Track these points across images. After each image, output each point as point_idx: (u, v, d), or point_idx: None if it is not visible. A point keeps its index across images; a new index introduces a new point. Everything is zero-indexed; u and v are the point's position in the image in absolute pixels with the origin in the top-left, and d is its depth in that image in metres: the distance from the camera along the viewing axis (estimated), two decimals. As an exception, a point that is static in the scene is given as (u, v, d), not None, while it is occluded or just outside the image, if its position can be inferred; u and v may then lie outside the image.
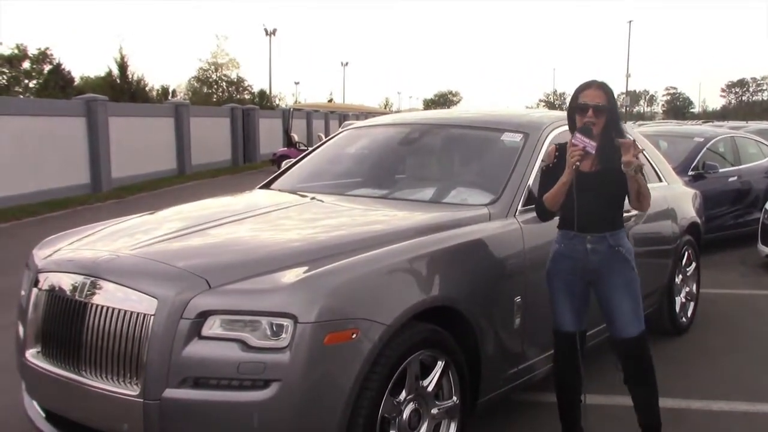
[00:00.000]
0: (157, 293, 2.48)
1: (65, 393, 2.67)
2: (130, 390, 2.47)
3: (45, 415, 2.88)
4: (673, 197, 5.00)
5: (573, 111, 3.07)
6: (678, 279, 5.02)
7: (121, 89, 24.66)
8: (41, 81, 38.42)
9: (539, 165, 3.64)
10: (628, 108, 75.16)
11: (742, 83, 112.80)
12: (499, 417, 3.60)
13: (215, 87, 47.38)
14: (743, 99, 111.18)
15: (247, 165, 23.27)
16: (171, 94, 36.63)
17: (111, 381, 2.53)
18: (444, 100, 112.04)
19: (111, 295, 2.58)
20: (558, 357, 3.21)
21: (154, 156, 17.33)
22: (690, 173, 7.88)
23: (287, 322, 2.39)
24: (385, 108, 72.83)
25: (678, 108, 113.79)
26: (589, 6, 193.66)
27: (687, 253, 5.14)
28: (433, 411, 2.83)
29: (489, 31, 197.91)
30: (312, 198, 3.89)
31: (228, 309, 2.44)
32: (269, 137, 25.84)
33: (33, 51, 39.48)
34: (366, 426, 2.50)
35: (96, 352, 2.57)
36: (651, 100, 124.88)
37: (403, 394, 2.68)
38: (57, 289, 2.79)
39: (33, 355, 2.83)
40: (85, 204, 12.53)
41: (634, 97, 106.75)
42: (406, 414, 2.69)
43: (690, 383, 4.17)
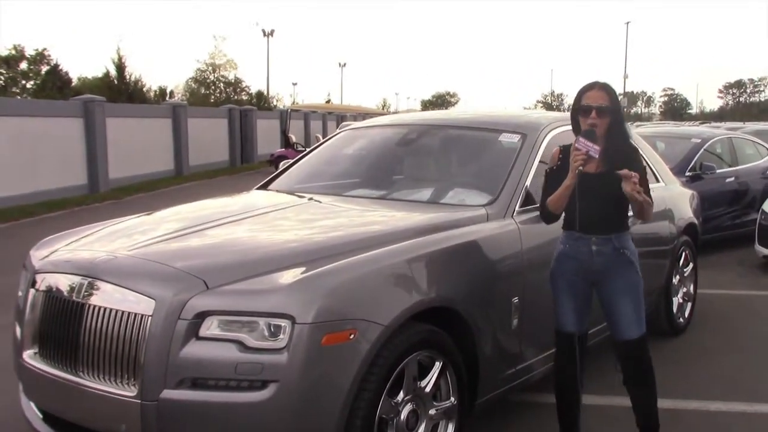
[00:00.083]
0: (155, 294, 2.48)
1: (63, 394, 2.66)
2: (127, 391, 2.46)
3: (42, 417, 2.87)
4: (671, 198, 5.00)
5: (576, 113, 3.05)
6: (675, 279, 5.03)
7: (119, 90, 24.68)
8: (38, 82, 38.39)
9: (537, 166, 3.66)
10: (625, 109, 74.96)
11: (739, 84, 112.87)
12: (497, 418, 3.60)
13: (213, 88, 47.36)
14: (740, 100, 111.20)
15: (245, 166, 23.25)
16: (168, 95, 36.58)
17: (108, 382, 2.53)
18: (442, 100, 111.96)
19: (108, 296, 2.58)
20: (559, 357, 3.19)
21: (151, 157, 17.31)
22: (687, 174, 7.89)
23: (285, 322, 2.38)
24: (383, 109, 72.87)
25: (675, 109, 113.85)
26: (587, 7, 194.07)
27: (684, 254, 5.15)
28: (431, 412, 2.83)
29: (487, 32, 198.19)
30: (310, 199, 3.89)
31: (226, 310, 2.44)
32: (267, 138, 25.84)
33: (30, 52, 39.50)
34: (364, 427, 2.50)
35: (93, 353, 2.57)
36: (648, 101, 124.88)
37: (401, 394, 2.68)
38: (54, 290, 2.78)
39: (30, 356, 2.83)
40: (83, 205, 12.52)
41: (631, 99, 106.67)
42: (403, 415, 2.69)
43: (687, 383, 4.17)
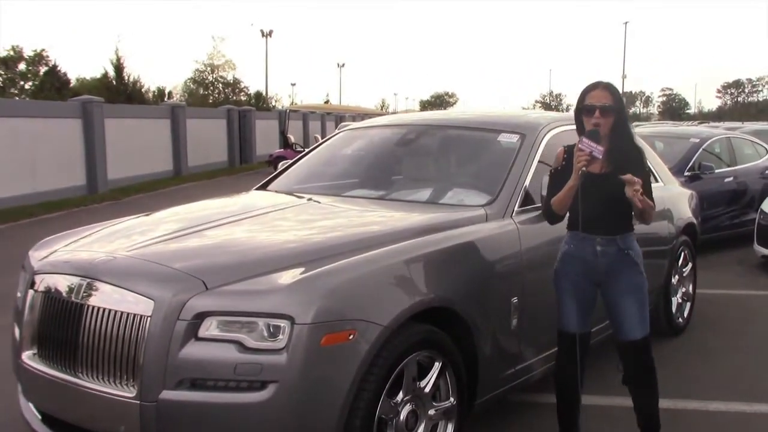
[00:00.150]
0: (154, 294, 2.47)
1: (62, 395, 2.66)
2: (126, 392, 2.46)
3: (41, 418, 2.86)
4: (670, 198, 5.00)
5: (580, 113, 3.04)
6: (674, 279, 5.03)
7: (117, 91, 24.70)
8: (37, 83, 38.31)
9: (536, 166, 3.66)
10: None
11: (737, 84, 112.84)
12: (497, 418, 3.60)
13: (211, 88, 47.32)
14: (739, 100, 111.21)
15: (244, 166, 23.25)
16: (167, 95, 36.55)
17: (108, 383, 2.52)
18: (440, 101, 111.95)
19: (107, 297, 2.58)
20: (560, 357, 3.18)
21: (150, 157, 17.31)
22: (686, 174, 7.90)
23: (284, 323, 2.38)
24: (382, 109, 72.82)
25: (674, 109, 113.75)
26: (585, 7, 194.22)
27: (683, 254, 5.15)
28: (431, 412, 2.83)
29: (485, 32, 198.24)
30: (309, 199, 3.88)
31: (225, 310, 2.44)
32: (266, 138, 25.83)
33: (29, 53, 39.45)
34: (363, 427, 2.49)
35: (92, 353, 2.56)
36: (647, 101, 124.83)
37: (401, 395, 2.68)
38: (53, 291, 2.78)
39: (29, 357, 2.82)
40: (82, 205, 12.52)
41: (630, 99, 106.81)
42: (403, 415, 2.69)
43: (687, 383, 4.17)
